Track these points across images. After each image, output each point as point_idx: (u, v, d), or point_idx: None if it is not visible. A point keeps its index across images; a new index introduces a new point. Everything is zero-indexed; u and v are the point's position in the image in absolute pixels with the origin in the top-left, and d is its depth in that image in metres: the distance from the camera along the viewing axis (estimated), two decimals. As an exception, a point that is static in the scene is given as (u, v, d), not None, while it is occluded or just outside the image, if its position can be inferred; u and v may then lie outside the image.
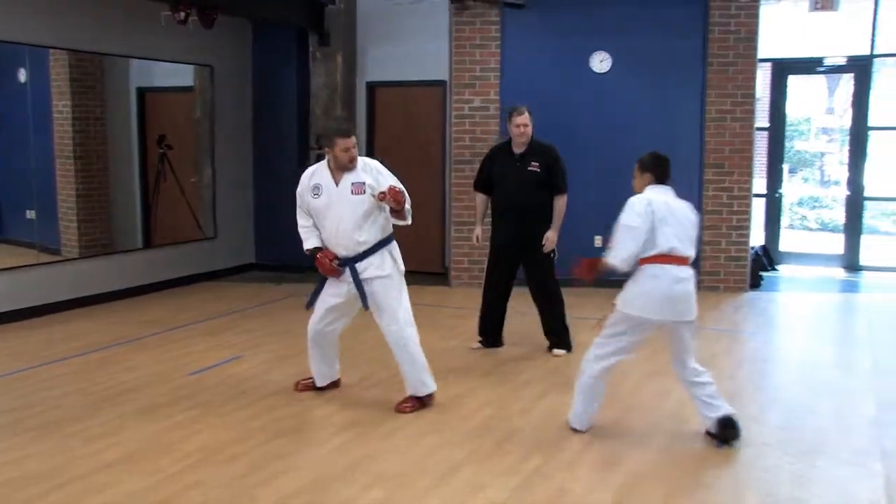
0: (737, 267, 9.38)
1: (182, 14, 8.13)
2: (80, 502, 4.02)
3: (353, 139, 5.25)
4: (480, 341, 6.90)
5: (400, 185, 5.25)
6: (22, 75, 8.07)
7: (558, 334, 6.71)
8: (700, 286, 9.22)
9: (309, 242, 5.47)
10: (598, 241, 8.54)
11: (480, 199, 6.84)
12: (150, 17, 8.67)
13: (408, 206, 5.24)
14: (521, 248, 6.58)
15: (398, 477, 4.33)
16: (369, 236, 5.27)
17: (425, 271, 10.14)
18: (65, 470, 4.39)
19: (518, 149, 6.57)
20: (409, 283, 5.56)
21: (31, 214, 8.29)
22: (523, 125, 6.48)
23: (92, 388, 5.78)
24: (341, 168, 5.26)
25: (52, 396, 5.61)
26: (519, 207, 6.52)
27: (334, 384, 5.76)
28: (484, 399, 5.62)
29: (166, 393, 5.69)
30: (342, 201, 5.23)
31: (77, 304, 8.28)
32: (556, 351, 6.67)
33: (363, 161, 5.36)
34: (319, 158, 9.64)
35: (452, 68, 9.55)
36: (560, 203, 6.54)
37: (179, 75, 9.71)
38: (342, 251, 5.27)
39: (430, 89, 10.17)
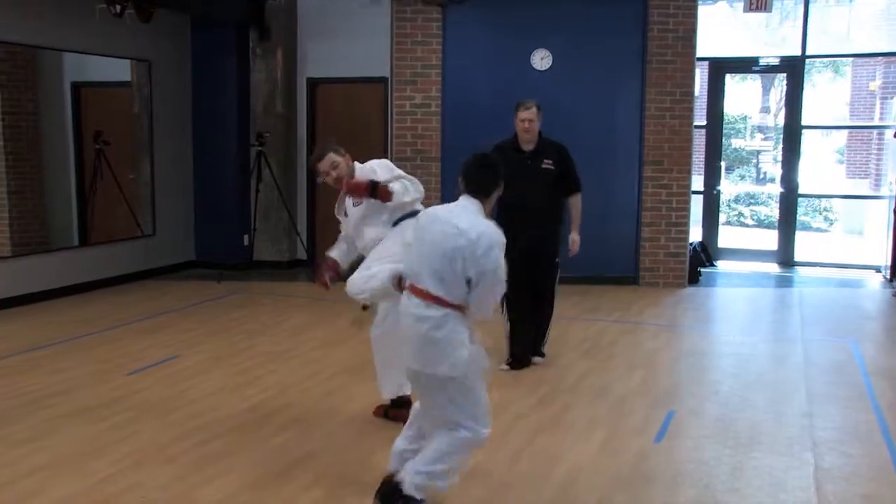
0: (676, 263, 9.52)
1: (118, 7, 7.97)
2: (10, 507, 3.92)
3: (327, 160, 4.91)
4: (510, 363, 6.19)
5: (385, 177, 4.81)
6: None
7: (540, 342, 6.34)
8: (640, 282, 9.49)
9: (331, 251, 5.18)
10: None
11: None
12: (84, 9, 8.46)
13: (394, 186, 4.74)
14: (536, 254, 6.06)
15: (339, 475, 4.31)
16: (367, 240, 4.94)
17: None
18: (-7, 475, 4.26)
19: (526, 146, 6.09)
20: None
21: (-41, 212, 8.05)
22: (528, 120, 6.01)
23: (20, 392, 5.62)
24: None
25: (-19, 399, 5.45)
26: (534, 209, 6.02)
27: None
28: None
29: (102, 394, 5.57)
30: (350, 217, 5.02)
31: (9, 304, 8.05)
32: (535, 359, 6.28)
33: (367, 167, 4.97)
34: (259, 155, 9.68)
35: (394, 65, 9.53)
36: (578, 202, 6.20)
37: (116, 70, 9.50)
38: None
39: (372, 86, 10.13)
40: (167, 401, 5.45)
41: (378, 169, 4.91)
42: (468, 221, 3.62)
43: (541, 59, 9.43)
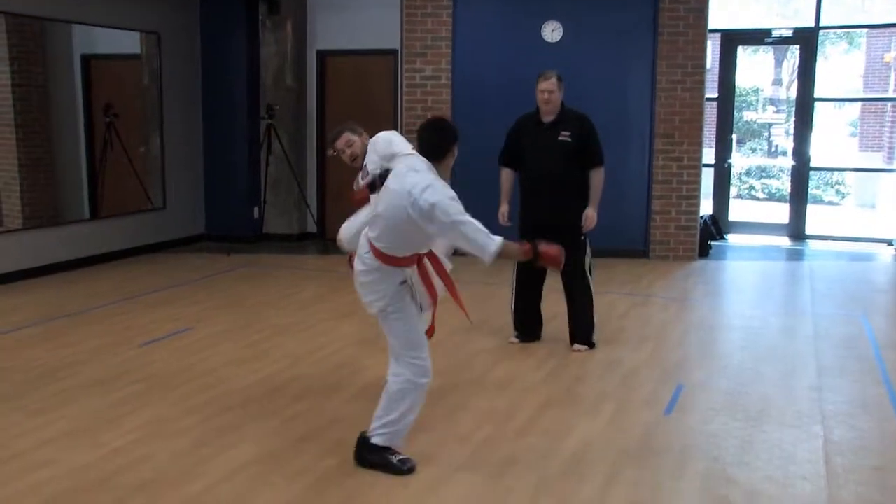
0: (686, 236, 9.49)
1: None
2: (21, 478, 3.95)
3: (343, 139, 5.06)
4: (517, 336, 6.25)
5: (383, 153, 4.81)
6: (-43, 40, 7.81)
7: (581, 328, 6.08)
8: (651, 255, 9.47)
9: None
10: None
11: (506, 174, 6.23)
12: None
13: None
14: (554, 229, 5.69)
15: (350, 445, 4.33)
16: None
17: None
18: (6, 446, 4.30)
19: (546, 117, 5.94)
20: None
21: (-30, 185, 8.07)
22: (548, 91, 5.84)
23: (33, 364, 5.66)
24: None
25: (-5, 371, 5.49)
26: (551, 181, 5.89)
27: None
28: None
29: (113, 367, 5.60)
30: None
31: (20, 277, 8.09)
32: (576, 346, 6.05)
33: (372, 142, 5.06)
34: (269, 128, 9.66)
35: (404, 37, 9.47)
36: (597, 176, 5.91)
37: (126, 42, 9.48)
38: None
39: (382, 58, 10.08)
40: (178, 373, 5.49)
41: (379, 144, 4.89)
42: (413, 181, 3.77)
43: (551, 31, 9.36)
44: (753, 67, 15.58)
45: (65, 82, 8.90)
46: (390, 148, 4.65)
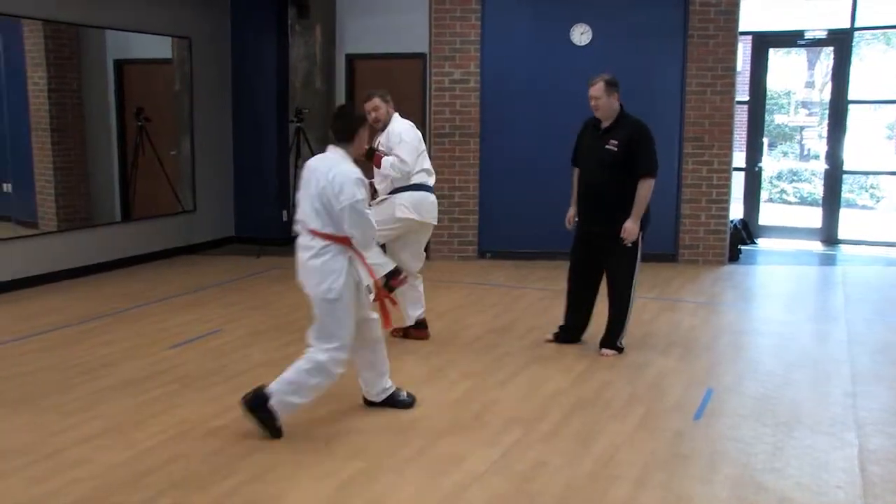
0: (716, 240, 9.43)
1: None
2: (57, 476, 4.01)
3: (372, 102, 5.97)
4: (556, 334, 6.26)
5: (393, 143, 5.96)
6: (-5, 46, 7.95)
7: (611, 333, 6.00)
8: (679, 259, 9.41)
9: None
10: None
11: (576, 175, 6.15)
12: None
13: (387, 159, 5.91)
14: (600, 235, 5.84)
15: (378, 449, 4.35)
16: (378, 195, 6.04)
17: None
18: (41, 444, 4.37)
19: (604, 123, 5.86)
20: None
21: (6, 188, 8.19)
22: (594, 98, 5.77)
23: (69, 363, 5.75)
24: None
25: (28, 371, 5.57)
26: (595, 189, 5.84)
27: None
28: (461, 371, 5.64)
29: (145, 367, 5.67)
30: None
31: (55, 278, 8.21)
32: (604, 351, 5.98)
33: (396, 127, 6.05)
34: (298, 131, 9.72)
35: (432, 40, 9.49)
36: (642, 187, 5.71)
37: (157, 47, 9.59)
38: None
39: (410, 61, 10.10)
40: (209, 374, 5.54)
41: (395, 133, 5.89)
42: (329, 165, 4.30)
43: (580, 34, 9.34)
44: (785, 70, 15.42)
45: (98, 87, 9.02)
46: (401, 138, 5.88)
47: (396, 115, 6.07)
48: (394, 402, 4.85)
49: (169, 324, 6.81)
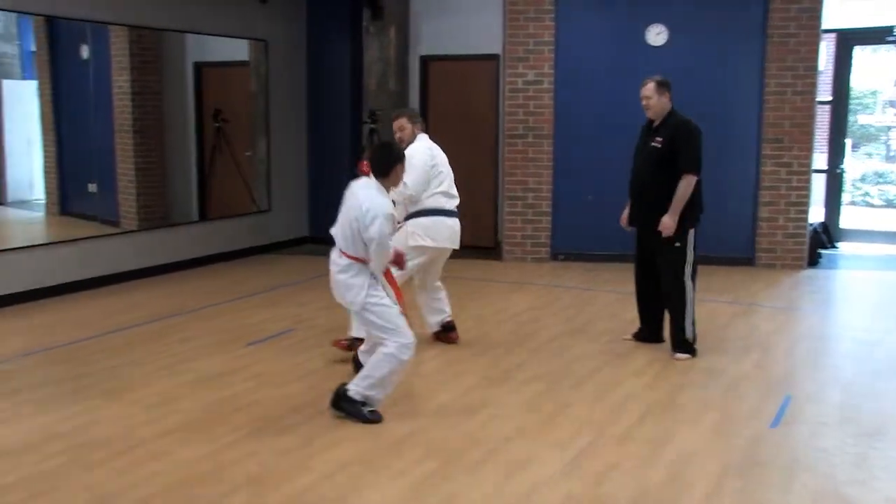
0: (795, 244, 9.20)
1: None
2: (140, 468, 4.14)
3: (399, 122, 6.03)
4: (635, 334, 6.31)
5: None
6: (84, 52, 8.23)
7: (675, 335, 5.96)
8: (756, 262, 9.21)
9: None
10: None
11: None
12: (206, -8, 8.75)
13: None
14: (648, 232, 5.94)
15: (449, 450, 4.37)
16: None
17: (477, 246, 10.15)
18: (126, 437, 4.51)
19: (654, 123, 5.97)
20: (458, 257, 5.65)
21: (92, 188, 8.48)
22: (645, 97, 5.87)
23: (150, 359, 5.92)
24: None
25: (113, 366, 5.75)
26: (640, 185, 5.96)
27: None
28: (533, 373, 5.62)
29: (222, 364, 5.80)
30: None
31: (135, 276, 8.46)
32: (677, 355, 5.91)
33: (413, 148, 5.91)
34: (372, 132, 9.81)
35: (506, 41, 9.48)
36: (682, 184, 5.73)
37: (235, 50, 9.80)
38: None
39: (484, 63, 10.10)
40: (284, 372, 5.63)
41: (408, 156, 5.23)
42: (365, 197, 4.61)
43: (656, 35, 9.22)
44: (872, 68, 14.94)
45: (178, 89, 9.26)
46: (411, 162, 5.47)
47: (421, 135, 6.04)
48: (357, 412, 4.74)
49: (244, 322, 6.95)
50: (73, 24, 7.92)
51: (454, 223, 6.01)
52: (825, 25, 9.09)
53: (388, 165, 4.71)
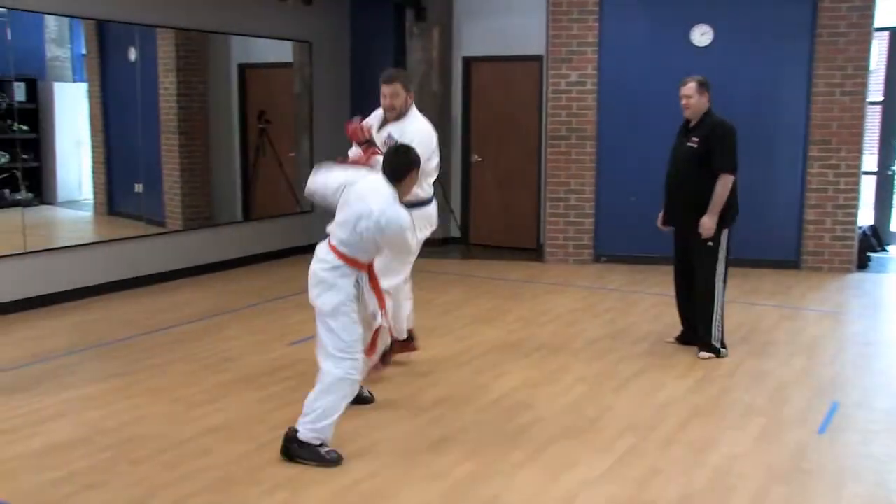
0: (842, 247, 9.03)
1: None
2: (184, 464, 4.19)
3: (394, 86, 5.16)
4: (678, 337, 6.27)
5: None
6: (132, 54, 8.36)
7: (701, 333, 5.97)
8: (802, 266, 9.06)
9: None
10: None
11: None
12: (251, -6, 8.84)
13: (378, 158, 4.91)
14: (682, 231, 6.01)
15: (489, 452, 4.35)
16: None
17: (519, 247, 10.12)
18: (172, 433, 4.58)
19: (691, 122, 5.99)
20: (501, 258, 5.59)
21: (138, 188, 8.61)
22: (685, 97, 5.88)
23: (194, 357, 5.99)
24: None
25: (160, 363, 5.83)
26: (673, 185, 6.02)
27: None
28: (575, 375, 5.59)
29: (265, 363, 5.84)
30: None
31: (180, 275, 8.56)
32: (700, 353, 5.95)
33: (411, 126, 5.22)
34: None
35: (549, 42, 9.44)
36: (719, 184, 5.73)
37: (279, 51, 9.88)
38: None
39: (527, 64, 10.08)
40: (325, 371, 5.65)
41: (409, 133, 4.99)
42: (378, 204, 4.11)
43: (700, 35, 9.11)
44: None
45: (223, 90, 9.37)
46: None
47: (415, 109, 5.31)
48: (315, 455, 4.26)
49: (287, 321, 7.00)
50: (122, 27, 8.06)
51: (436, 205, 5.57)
52: (877, 24, 8.91)
53: (401, 171, 4.24)
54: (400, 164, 4.26)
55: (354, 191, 4.28)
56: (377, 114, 5.45)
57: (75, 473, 4.08)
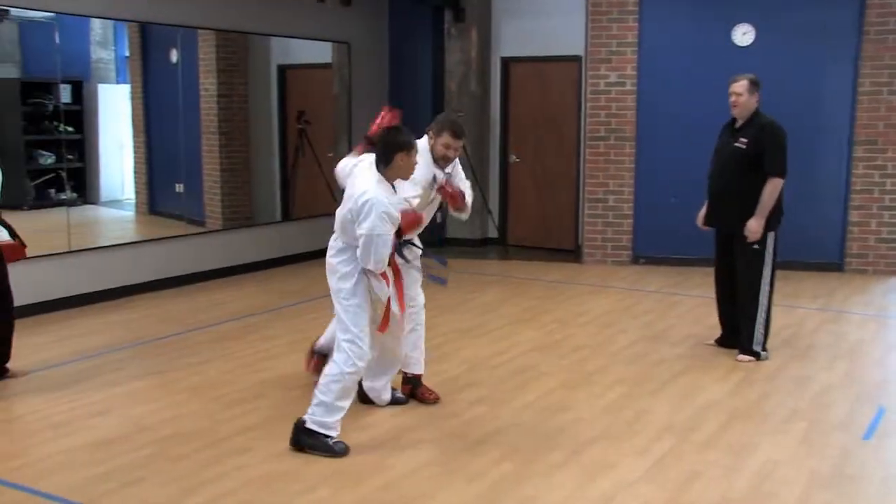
0: (888, 249, 8.87)
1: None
2: (223, 462, 4.23)
3: (460, 142, 4.91)
4: (718, 339, 6.18)
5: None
6: (174, 56, 8.47)
7: (743, 336, 5.88)
8: (845, 268, 8.91)
9: None
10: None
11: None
12: (291, -4, 8.91)
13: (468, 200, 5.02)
14: (727, 233, 5.89)
15: (527, 452, 4.34)
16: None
17: (557, 248, 10.08)
18: (211, 431, 4.62)
19: (738, 122, 5.86)
20: (539, 259, 5.55)
21: (179, 188, 8.71)
22: (735, 94, 5.75)
23: (233, 356, 6.05)
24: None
25: (199, 362, 5.89)
26: (718, 186, 5.89)
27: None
28: (613, 377, 5.55)
29: (302, 363, 5.86)
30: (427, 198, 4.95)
31: (220, 275, 8.65)
32: (739, 356, 5.86)
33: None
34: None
35: (588, 43, 9.39)
36: (768, 187, 5.62)
37: (318, 52, 9.94)
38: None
39: (565, 64, 10.04)
40: (363, 371, 5.67)
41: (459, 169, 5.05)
42: (362, 187, 4.14)
43: (742, 35, 9.00)
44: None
45: (263, 91, 9.45)
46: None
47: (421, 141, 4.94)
48: (321, 444, 4.32)
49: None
50: (163, 29, 8.16)
51: None
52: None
53: (388, 154, 4.17)
54: (387, 149, 4.20)
55: (352, 175, 4.38)
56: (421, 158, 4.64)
57: (117, 470, 4.14)
